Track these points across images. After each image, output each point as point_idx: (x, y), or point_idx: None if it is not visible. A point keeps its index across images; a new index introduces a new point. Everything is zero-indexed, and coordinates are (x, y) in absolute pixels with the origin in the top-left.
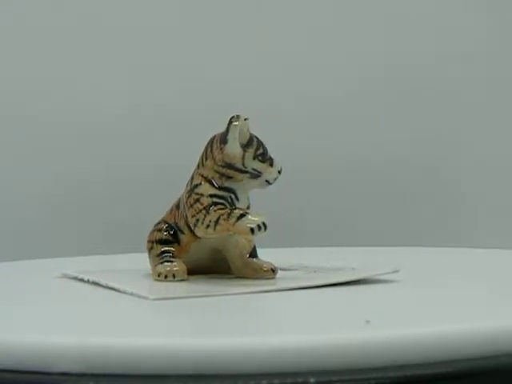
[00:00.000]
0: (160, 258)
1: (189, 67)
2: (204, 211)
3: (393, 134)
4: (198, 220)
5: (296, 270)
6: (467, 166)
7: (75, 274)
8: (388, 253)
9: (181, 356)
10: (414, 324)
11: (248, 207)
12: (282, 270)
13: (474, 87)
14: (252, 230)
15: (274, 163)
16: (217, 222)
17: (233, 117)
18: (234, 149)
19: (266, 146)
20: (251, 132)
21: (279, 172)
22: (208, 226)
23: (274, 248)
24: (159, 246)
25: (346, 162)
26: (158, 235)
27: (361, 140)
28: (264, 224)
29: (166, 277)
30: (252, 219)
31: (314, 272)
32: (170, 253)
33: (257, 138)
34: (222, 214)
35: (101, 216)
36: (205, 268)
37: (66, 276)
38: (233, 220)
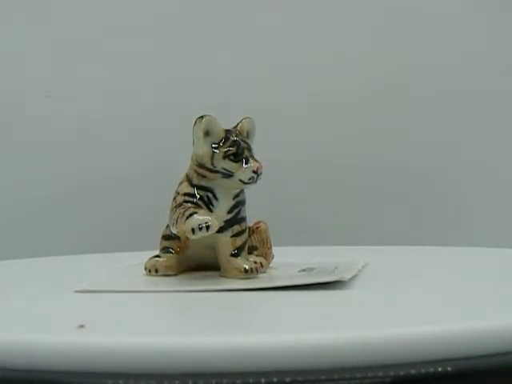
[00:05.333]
0: (160, 253)
1: (189, 67)
2: (174, 209)
3: (393, 134)
4: (170, 218)
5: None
6: (467, 166)
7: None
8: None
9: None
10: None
11: (235, 206)
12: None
13: (474, 87)
14: (192, 230)
15: (249, 163)
16: (176, 220)
17: (198, 117)
18: (198, 149)
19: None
20: (249, 131)
21: (255, 172)
22: (173, 223)
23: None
24: (163, 241)
25: (347, 162)
26: (164, 231)
27: (361, 140)
28: (207, 225)
29: (149, 271)
30: (197, 219)
31: (303, 272)
32: (170, 248)
33: (235, 136)
34: (180, 213)
35: (101, 216)
36: (206, 264)
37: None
38: (183, 219)
